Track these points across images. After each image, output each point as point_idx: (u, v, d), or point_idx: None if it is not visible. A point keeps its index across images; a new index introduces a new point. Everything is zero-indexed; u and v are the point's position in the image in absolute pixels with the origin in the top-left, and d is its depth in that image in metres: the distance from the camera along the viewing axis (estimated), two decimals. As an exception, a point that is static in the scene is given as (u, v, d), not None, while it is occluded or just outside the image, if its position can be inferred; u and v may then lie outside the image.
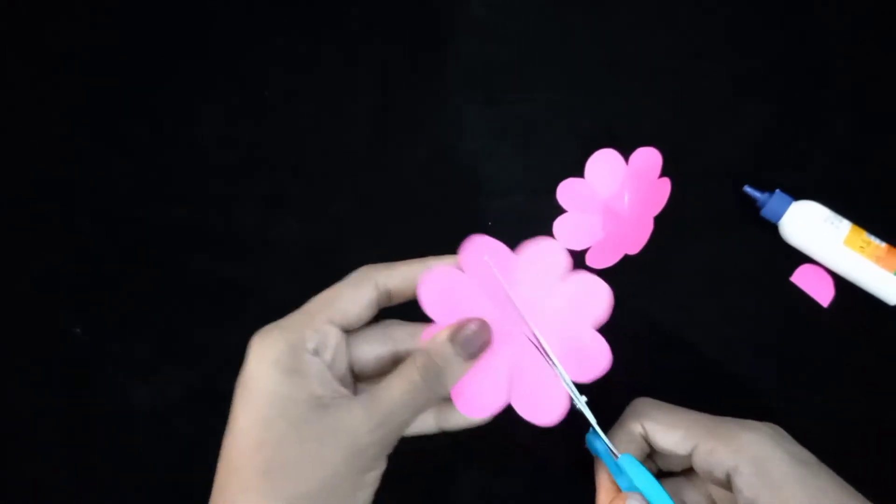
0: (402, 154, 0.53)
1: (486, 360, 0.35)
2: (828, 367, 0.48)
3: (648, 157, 0.49)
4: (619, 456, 0.37)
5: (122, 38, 0.56)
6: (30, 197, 0.53)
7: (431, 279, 0.35)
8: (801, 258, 0.49)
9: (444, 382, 0.34)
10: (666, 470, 0.41)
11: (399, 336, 0.37)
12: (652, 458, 0.41)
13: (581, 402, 0.36)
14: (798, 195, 0.49)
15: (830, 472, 0.36)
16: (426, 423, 0.38)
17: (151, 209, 0.53)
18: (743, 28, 0.54)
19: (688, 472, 0.40)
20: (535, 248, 0.36)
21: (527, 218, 0.51)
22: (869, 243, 0.47)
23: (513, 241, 0.50)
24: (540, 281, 0.36)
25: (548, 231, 0.50)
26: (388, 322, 0.38)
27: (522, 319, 0.36)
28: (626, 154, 0.50)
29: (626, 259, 0.48)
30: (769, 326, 0.49)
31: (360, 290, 0.36)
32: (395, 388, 0.33)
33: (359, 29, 0.55)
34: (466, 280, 0.36)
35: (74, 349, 0.51)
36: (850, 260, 0.47)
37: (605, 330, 0.49)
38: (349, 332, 0.36)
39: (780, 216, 0.48)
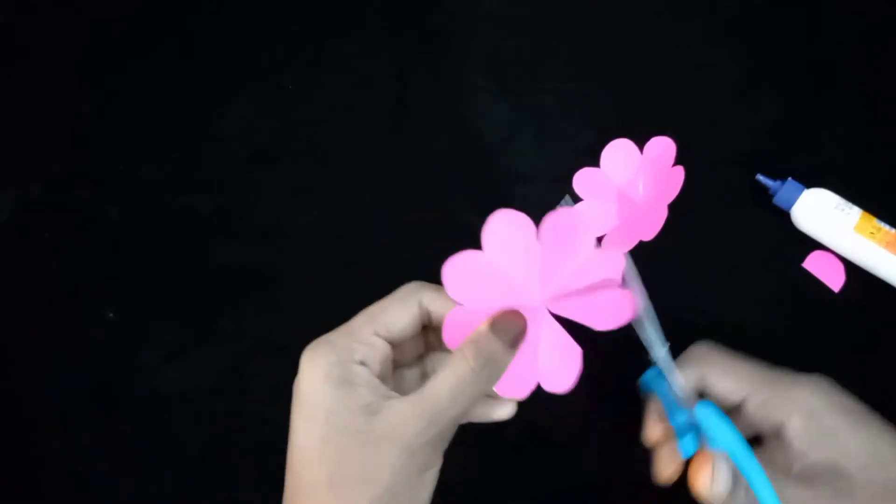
0: (421, 144, 0.54)
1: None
2: (839, 351, 0.49)
3: (662, 146, 0.50)
4: (698, 404, 0.37)
5: (151, 34, 0.57)
6: (63, 187, 0.55)
7: (454, 263, 0.36)
8: (813, 245, 0.50)
9: (492, 374, 0.35)
10: None
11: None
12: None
13: (663, 349, 0.37)
14: (809, 183, 0.50)
15: (881, 419, 0.37)
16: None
17: (180, 198, 0.54)
18: (756, 17, 0.55)
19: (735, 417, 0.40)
20: (558, 221, 0.36)
21: (544, 206, 0.52)
22: (879, 229, 0.48)
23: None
24: (566, 247, 0.37)
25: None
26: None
27: (544, 290, 0.37)
28: (640, 143, 0.51)
29: (641, 245, 0.49)
30: (781, 311, 0.50)
31: (404, 307, 0.37)
32: (444, 385, 0.34)
33: (378, 22, 0.56)
34: (488, 260, 0.37)
35: (107, 333, 0.53)
36: (861, 246, 0.48)
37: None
38: (395, 345, 0.37)
39: (791, 203, 0.49)
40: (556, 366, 0.38)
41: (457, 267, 0.36)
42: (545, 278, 0.37)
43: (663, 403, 0.39)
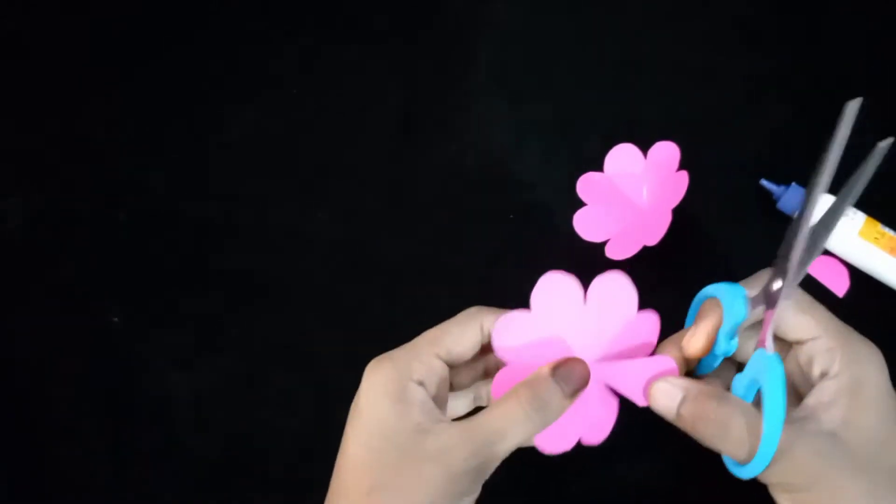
0: (429, 151, 0.54)
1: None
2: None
3: (667, 151, 0.50)
4: (773, 353, 0.35)
5: (159, 41, 0.58)
6: (71, 193, 0.55)
7: (503, 323, 0.37)
8: (817, 249, 0.50)
9: (544, 417, 0.35)
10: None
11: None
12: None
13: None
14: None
15: None
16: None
17: (187, 205, 0.55)
18: (761, 24, 0.55)
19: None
20: (605, 283, 0.37)
21: (550, 211, 0.52)
22: (883, 234, 0.48)
23: (537, 233, 0.52)
24: (609, 316, 0.38)
25: (569, 222, 0.51)
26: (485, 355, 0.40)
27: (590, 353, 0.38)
28: (644, 148, 0.51)
29: (645, 250, 0.49)
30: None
31: (465, 330, 0.38)
32: (495, 418, 0.35)
33: (384, 29, 0.56)
34: (537, 321, 0.38)
35: (114, 339, 0.53)
36: (865, 251, 0.48)
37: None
38: (453, 367, 0.39)
39: (795, 209, 0.49)
40: (595, 419, 0.38)
41: (505, 325, 0.37)
42: (591, 339, 0.38)
43: (726, 319, 0.37)
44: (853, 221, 0.48)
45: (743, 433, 0.34)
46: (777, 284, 0.36)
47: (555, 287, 0.37)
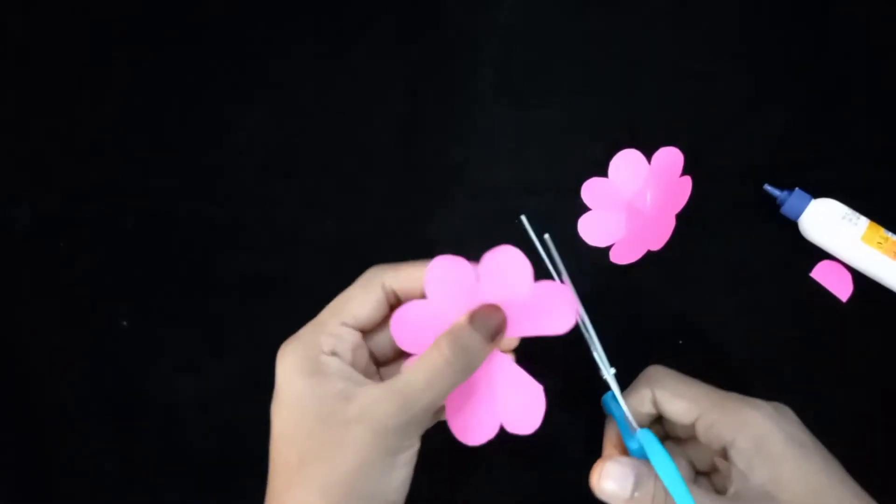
0: (433, 155, 0.55)
1: (476, 386, 0.37)
2: (847, 361, 0.50)
3: (670, 157, 0.51)
4: (638, 430, 0.39)
5: (165, 46, 0.58)
6: (78, 197, 0.56)
7: (398, 315, 0.37)
8: (821, 255, 0.50)
9: (466, 362, 0.35)
10: (673, 435, 0.43)
11: None
12: (660, 422, 0.42)
13: (609, 374, 0.39)
14: (817, 193, 0.50)
15: (827, 454, 0.38)
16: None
17: (193, 208, 0.55)
18: (764, 30, 0.55)
19: (693, 439, 0.41)
20: (498, 258, 0.37)
21: (553, 216, 0.53)
22: (886, 239, 0.48)
23: (540, 238, 0.52)
24: (508, 289, 0.37)
25: (573, 227, 0.52)
26: None
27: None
28: (648, 153, 0.52)
29: (649, 255, 0.50)
30: (789, 321, 0.50)
31: (367, 293, 0.37)
32: (419, 372, 0.34)
33: (389, 34, 0.57)
34: (433, 307, 0.37)
35: (121, 342, 0.53)
36: (868, 256, 0.48)
37: (628, 326, 0.51)
38: (367, 332, 0.38)
39: (799, 214, 0.50)
40: (518, 407, 0.38)
41: (401, 317, 0.37)
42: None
43: (618, 424, 0.41)
44: (856, 227, 0.48)
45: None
46: (604, 375, 0.40)
47: (446, 271, 0.37)
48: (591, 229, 0.52)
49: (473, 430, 0.38)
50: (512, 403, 0.37)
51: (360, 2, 0.57)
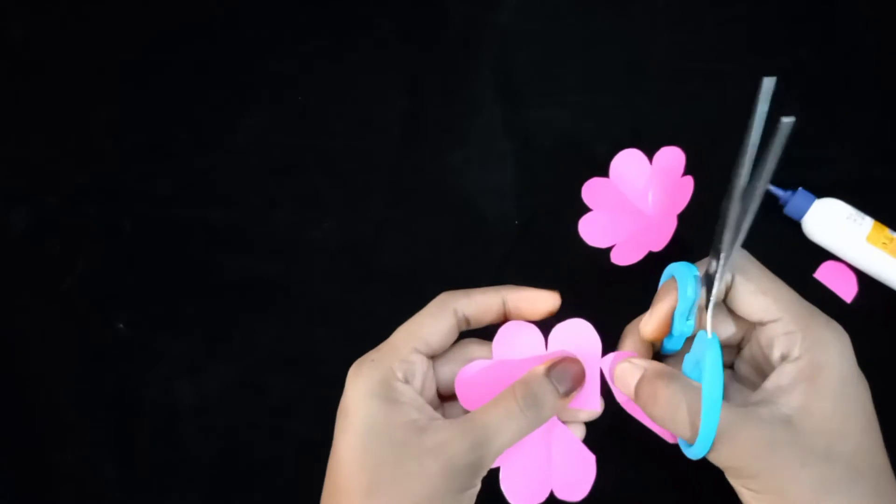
0: (433, 156, 0.54)
1: (529, 450, 0.38)
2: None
3: (672, 156, 0.50)
4: (711, 335, 0.35)
5: (164, 48, 0.58)
6: (76, 200, 0.56)
7: (465, 374, 0.38)
8: (825, 255, 0.50)
9: (538, 413, 0.35)
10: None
11: (477, 353, 0.40)
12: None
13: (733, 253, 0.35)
14: (821, 194, 0.49)
15: (872, 417, 0.35)
16: None
17: (192, 211, 0.55)
18: (769, 29, 0.55)
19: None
20: (568, 330, 0.38)
21: (555, 216, 0.52)
22: (892, 239, 0.48)
23: (541, 240, 0.52)
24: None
25: (574, 228, 0.51)
26: (466, 340, 0.40)
27: None
28: (650, 153, 0.51)
29: (651, 256, 0.49)
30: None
31: (440, 319, 0.38)
32: (493, 414, 0.35)
33: (391, 35, 0.56)
34: (497, 369, 0.38)
35: (119, 346, 0.53)
36: (873, 256, 0.48)
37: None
38: (434, 357, 0.39)
39: (802, 214, 0.49)
40: (569, 473, 0.38)
41: (466, 376, 0.38)
42: None
43: (680, 300, 0.37)
44: (861, 227, 0.48)
45: (684, 415, 0.33)
46: (713, 267, 0.36)
47: (515, 335, 0.38)
48: (592, 230, 0.51)
49: (525, 493, 0.38)
50: (564, 470, 0.38)
51: (360, 2, 0.57)
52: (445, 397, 0.40)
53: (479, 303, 0.38)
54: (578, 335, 0.38)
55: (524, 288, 0.39)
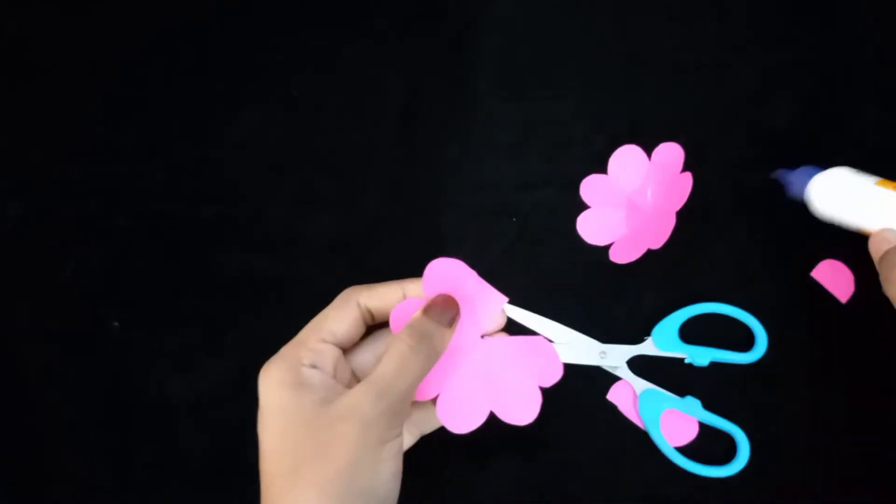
0: (430, 151, 0.54)
1: (460, 373, 0.40)
2: (848, 361, 0.49)
3: (671, 152, 0.50)
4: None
5: (160, 43, 0.57)
6: (70, 195, 0.55)
7: (398, 311, 0.40)
8: (822, 254, 0.50)
9: (430, 349, 0.38)
10: None
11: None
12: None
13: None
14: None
15: None
16: (406, 439, 0.42)
17: (188, 207, 0.54)
18: (768, 21, 0.54)
19: None
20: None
21: (553, 212, 0.52)
22: None
23: (539, 234, 0.52)
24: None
25: (572, 225, 0.51)
26: (379, 331, 0.43)
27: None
28: (650, 148, 0.51)
29: (649, 253, 0.49)
30: (789, 321, 0.50)
31: (344, 311, 0.40)
32: (388, 364, 0.37)
33: (387, 29, 0.56)
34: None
35: (114, 342, 0.53)
36: (887, 199, 0.42)
37: (628, 326, 0.50)
38: (347, 350, 0.41)
39: (806, 185, 0.45)
40: (512, 395, 0.39)
41: (399, 314, 0.41)
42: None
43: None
44: (869, 179, 0.44)
45: None
46: None
47: (443, 272, 0.41)
48: (590, 227, 0.51)
49: (460, 417, 0.39)
50: (504, 392, 0.38)
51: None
52: None
53: (381, 295, 0.41)
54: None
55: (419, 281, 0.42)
